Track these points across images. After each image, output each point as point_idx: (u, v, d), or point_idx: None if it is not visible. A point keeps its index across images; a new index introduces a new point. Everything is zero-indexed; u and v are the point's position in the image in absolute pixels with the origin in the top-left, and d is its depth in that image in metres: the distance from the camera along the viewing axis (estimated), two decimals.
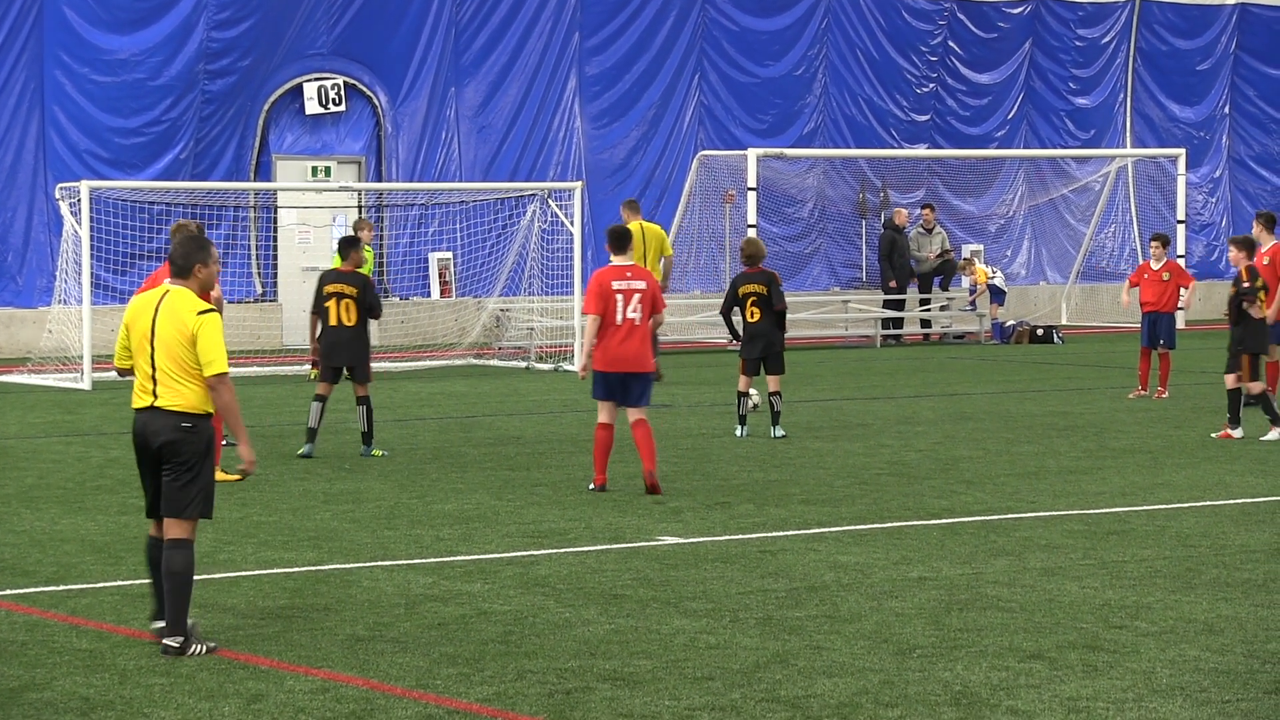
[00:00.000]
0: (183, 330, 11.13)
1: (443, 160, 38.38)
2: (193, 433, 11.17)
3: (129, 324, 11.37)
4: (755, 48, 41.43)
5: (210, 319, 11.17)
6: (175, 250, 11.37)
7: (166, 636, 11.04)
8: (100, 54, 34.87)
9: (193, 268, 11.31)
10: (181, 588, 11.05)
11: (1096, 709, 9.91)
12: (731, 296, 22.19)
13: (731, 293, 22.23)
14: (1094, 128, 45.83)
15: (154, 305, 11.26)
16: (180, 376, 11.16)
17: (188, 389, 11.17)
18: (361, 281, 20.59)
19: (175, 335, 11.14)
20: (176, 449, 11.16)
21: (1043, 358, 34.83)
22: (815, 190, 42.14)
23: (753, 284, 22.01)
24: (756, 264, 22.27)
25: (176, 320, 11.16)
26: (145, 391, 11.26)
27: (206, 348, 11.13)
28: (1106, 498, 17.43)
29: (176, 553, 11.11)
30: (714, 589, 13.11)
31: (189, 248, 11.36)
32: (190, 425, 11.17)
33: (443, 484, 18.36)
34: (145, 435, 11.23)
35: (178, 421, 11.15)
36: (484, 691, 10.28)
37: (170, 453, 11.17)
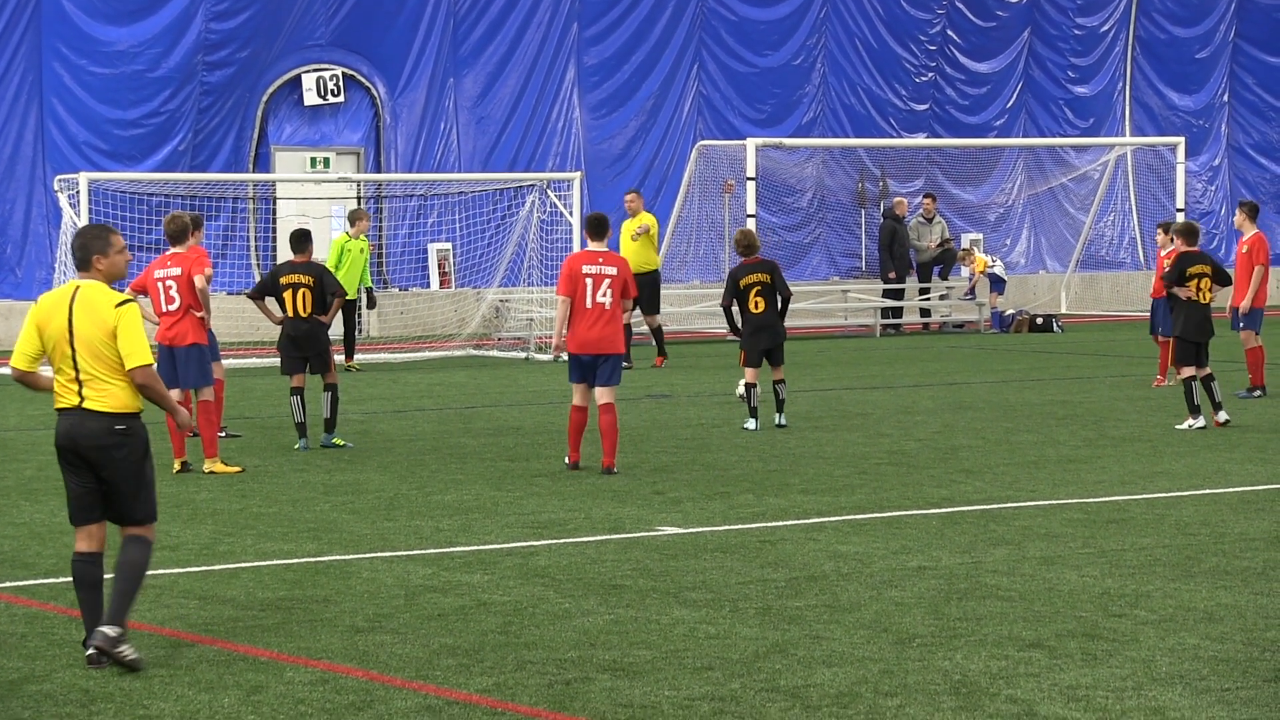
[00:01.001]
0: (103, 326, 10.61)
1: (441, 151, 38.38)
2: (128, 435, 10.65)
3: (40, 325, 10.76)
4: (754, 37, 41.42)
5: (128, 311, 10.65)
6: (74, 242, 10.88)
7: (105, 624, 10.53)
8: (99, 45, 34.86)
9: (91, 260, 10.78)
10: (136, 579, 10.68)
11: (1096, 697, 9.91)
12: (732, 288, 22.07)
13: (732, 284, 22.10)
14: (1093, 116, 45.83)
15: (67, 303, 10.69)
16: (107, 375, 10.64)
17: (115, 387, 10.65)
18: (317, 271, 20.47)
19: (95, 332, 10.61)
20: (112, 454, 10.63)
21: (1042, 347, 34.84)
22: (814, 180, 42.14)
23: (756, 274, 21.96)
24: (754, 254, 22.22)
25: (95, 316, 10.63)
26: (69, 393, 10.69)
27: (126, 339, 10.59)
28: (1106, 486, 17.43)
29: (137, 547, 10.74)
30: (713, 579, 13.11)
31: (87, 239, 10.85)
32: (124, 428, 10.65)
33: (442, 475, 18.36)
34: (74, 438, 10.66)
35: (110, 424, 10.62)
36: (483, 682, 10.29)
37: (106, 459, 10.64)
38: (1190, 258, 22.15)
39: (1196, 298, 21.97)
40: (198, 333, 18.73)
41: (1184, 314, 22.04)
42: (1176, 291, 22.09)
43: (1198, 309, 21.98)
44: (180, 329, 18.68)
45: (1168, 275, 22.40)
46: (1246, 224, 25.16)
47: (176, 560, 13.95)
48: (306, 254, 20.55)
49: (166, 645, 11.21)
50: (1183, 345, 22.02)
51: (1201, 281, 22.02)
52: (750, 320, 22.00)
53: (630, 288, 18.57)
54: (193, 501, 16.77)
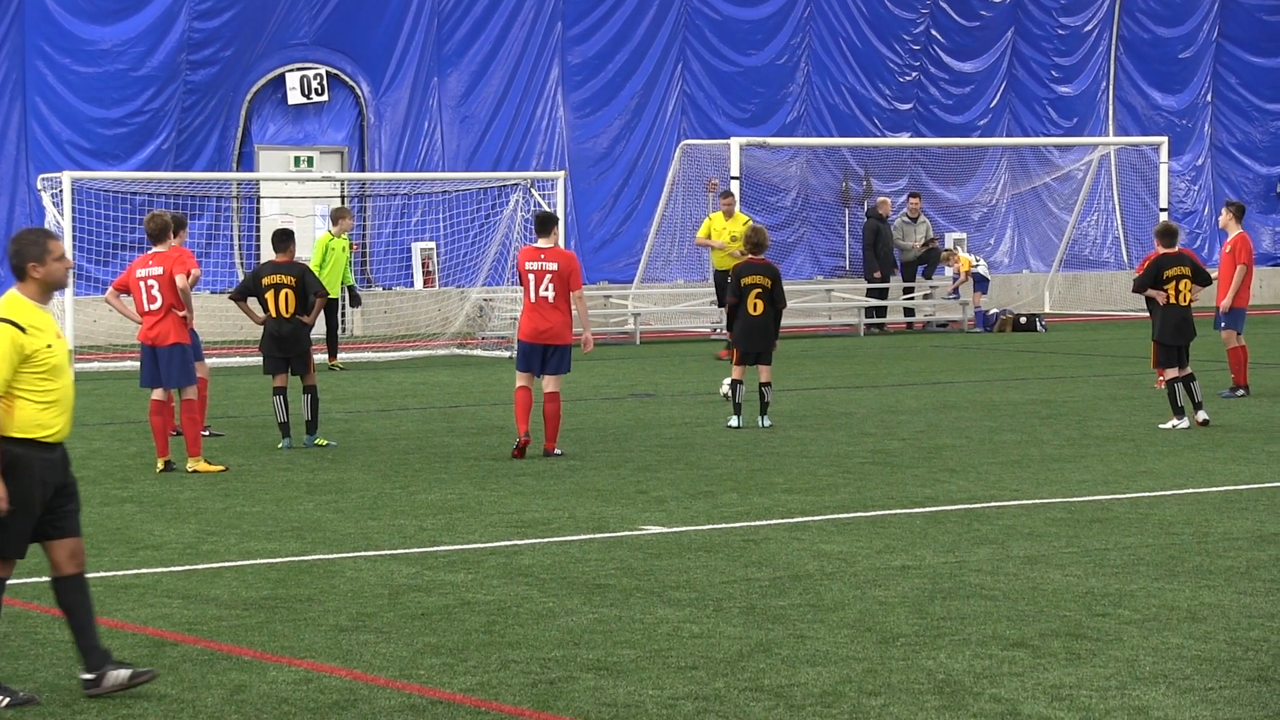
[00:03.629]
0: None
1: (425, 150, 38.35)
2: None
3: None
4: (738, 36, 41.42)
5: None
6: (9, 248, 10.16)
7: None
8: (82, 44, 34.81)
9: (26, 268, 10.09)
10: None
11: (1080, 697, 9.92)
12: (735, 285, 22.14)
13: (735, 281, 22.18)
14: (1076, 116, 45.87)
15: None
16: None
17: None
18: (299, 270, 20.46)
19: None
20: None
21: (1026, 346, 34.87)
22: (798, 179, 42.16)
23: (758, 275, 22.03)
24: (761, 253, 22.28)
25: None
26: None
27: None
28: (1089, 486, 17.45)
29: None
30: (697, 578, 13.11)
31: (22, 244, 10.12)
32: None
33: (426, 474, 18.35)
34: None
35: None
36: (467, 681, 10.28)
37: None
38: (1168, 259, 22.15)
39: (1175, 300, 21.99)
40: (180, 332, 18.69)
41: (1162, 316, 22.06)
42: (1153, 294, 22.08)
43: (1176, 310, 21.98)
44: (162, 328, 18.63)
45: (1142, 278, 22.34)
46: (1232, 224, 25.19)
47: (160, 559, 13.93)
48: (288, 254, 20.52)
49: (150, 644, 11.19)
50: (1163, 348, 22.04)
51: (1180, 283, 22.02)
52: (746, 320, 22.02)
53: (574, 280, 19.52)
54: (176, 500, 16.75)
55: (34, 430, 9.94)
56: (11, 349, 9.86)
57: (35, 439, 9.94)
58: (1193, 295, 22.07)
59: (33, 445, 9.93)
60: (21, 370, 9.88)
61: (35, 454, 9.94)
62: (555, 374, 19.47)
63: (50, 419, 10.00)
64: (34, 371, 9.92)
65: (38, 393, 9.94)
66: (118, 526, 15.39)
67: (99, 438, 21.27)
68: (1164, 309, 21.98)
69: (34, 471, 9.93)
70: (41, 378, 9.94)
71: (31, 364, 9.91)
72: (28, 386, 9.91)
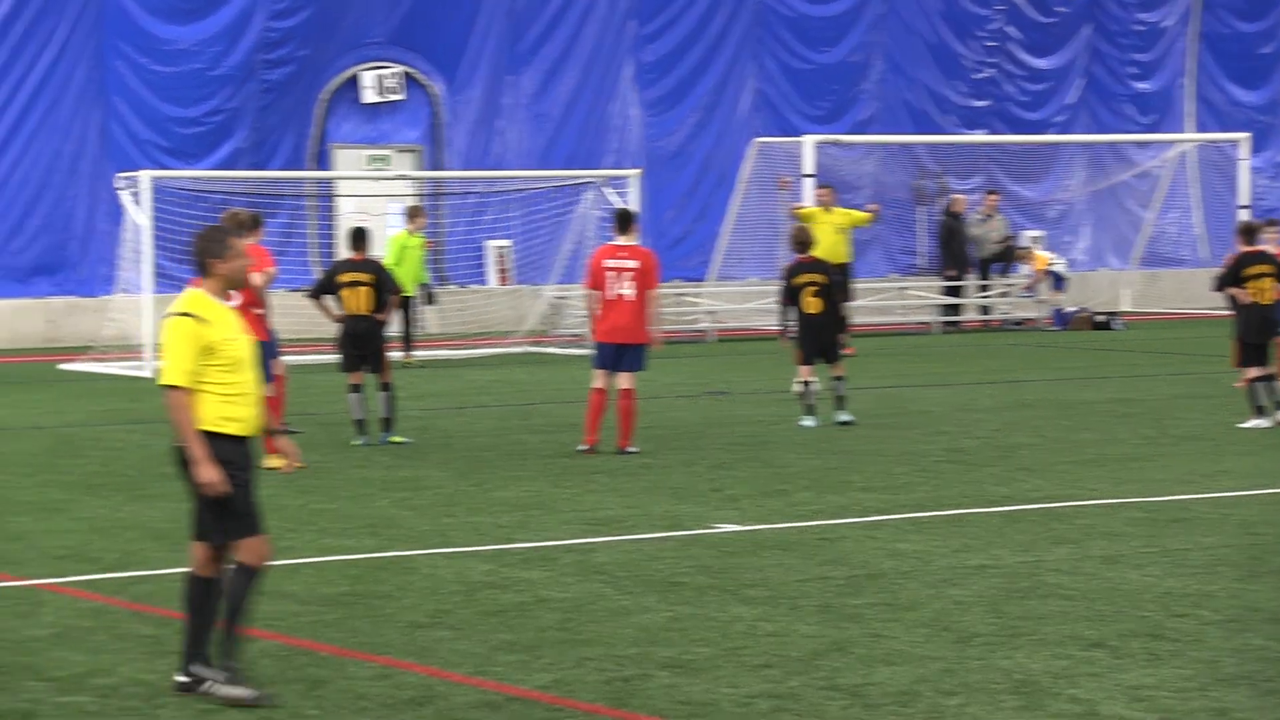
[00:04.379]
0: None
1: (499, 148, 38.44)
2: (181, 452, 10.06)
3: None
4: (812, 33, 41.33)
5: (169, 325, 10.00)
6: (193, 245, 10.24)
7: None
8: (160, 44, 35.04)
9: (209, 264, 10.13)
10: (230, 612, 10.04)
11: (1160, 698, 9.85)
12: (786, 287, 22.04)
13: (786, 283, 22.08)
14: (1155, 112, 45.57)
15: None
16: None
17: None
18: (375, 268, 20.55)
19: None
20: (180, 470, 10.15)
21: (1103, 344, 34.68)
22: (873, 177, 42.00)
23: (810, 273, 21.93)
24: (808, 251, 22.20)
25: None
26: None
27: (163, 354, 10.02)
28: (1168, 485, 17.33)
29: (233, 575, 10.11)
30: (772, 576, 13.09)
31: (205, 241, 10.19)
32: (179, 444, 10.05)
33: (501, 471, 18.38)
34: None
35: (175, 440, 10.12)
36: (542, 678, 10.29)
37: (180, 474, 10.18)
38: (1250, 257, 21.96)
39: (1256, 298, 21.81)
40: (257, 329, 18.76)
41: (1244, 315, 21.88)
42: (1234, 293, 21.91)
43: (1258, 309, 21.80)
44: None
45: (1223, 277, 22.18)
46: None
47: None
48: (364, 252, 20.61)
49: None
50: (1245, 347, 21.85)
51: (1262, 281, 21.84)
52: (804, 320, 21.95)
53: (652, 279, 19.55)
54: None
55: (221, 424, 10.01)
56: (190, 339, 9.96)
57: (223, 433, 10.01)
58: (1275, 294, 21.86)
59: (222, 439, 10.00)
60: (205, 364, 9.98)
61: (227, 446, 10.01)
62: (631, 371, 19.51)
63: (236, 412, 10.06)
64: (217, 365, 10.00)
65: (222, 385, 10.03)
66: None
67: None
68: (1245, 308, 21.81)
69: (233, 459, 10.01)
70: (224, 370, 10.02)
71: (214, 357, 9.99)
72: (211, 380, 9.99)
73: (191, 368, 9.95)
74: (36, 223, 34.65)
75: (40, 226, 34.68)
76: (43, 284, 34.82)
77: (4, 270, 34.41)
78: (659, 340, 20.15)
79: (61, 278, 34.95)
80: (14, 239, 34.50)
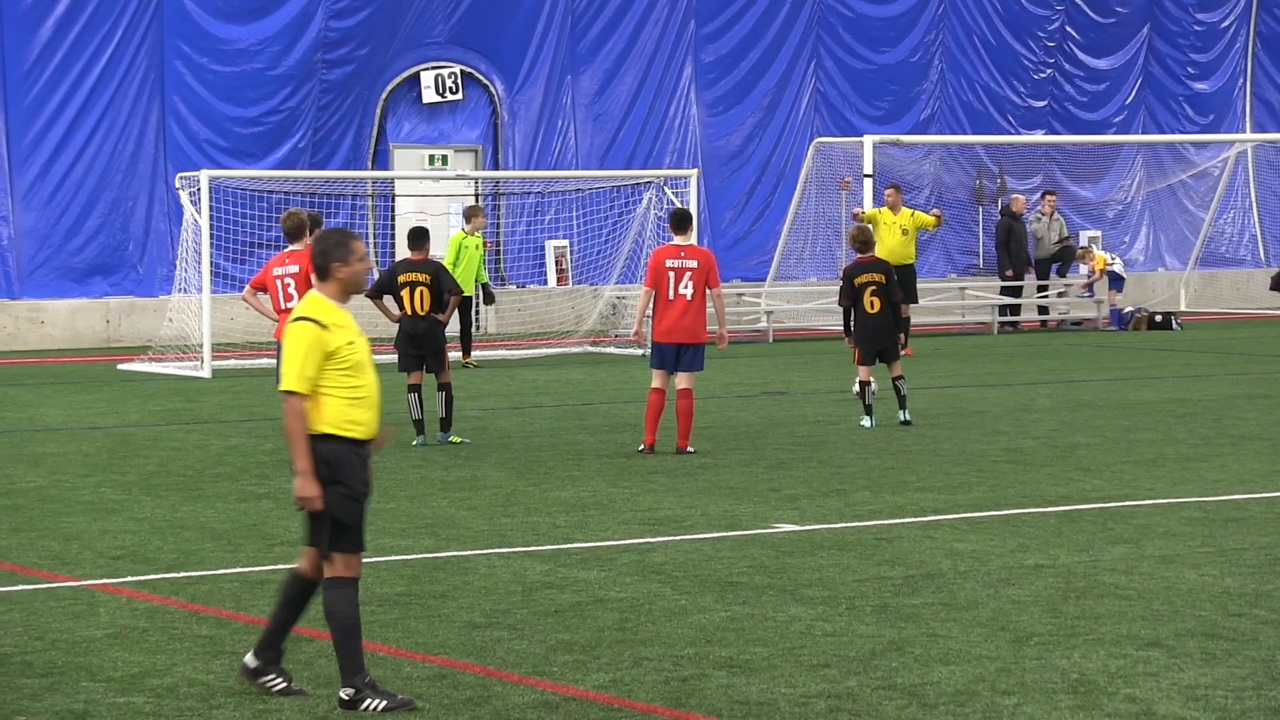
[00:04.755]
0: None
1: (559, 148, 38.49)
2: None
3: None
4: (871, 34, 41.29)
5: (292, 329, 9.97)
6: (313, 248, 10.18)
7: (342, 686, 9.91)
8: (219, 44, 35.20)
9: (330, 268, 10.06)
10: (334, 629, 9.89)
11: (1215, 697, 9.82)
12: (848, 287, 22.00)
13: (847, 283, 22.03)
14: (1213, 112, 45.38)
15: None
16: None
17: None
18: (434, 268, 20.62)
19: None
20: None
21: (1161, 344, 34.54)
22: (932, 177, 41.96)
23: (871, 273, 21.89)
24: (869, 251, 22.16)
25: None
26: None
27: (283, 359, 9.99)
28: (1225, 485, 17.27)
29: (326, 592, 9.97)
30: (830, 576, 13.09)
31: (327, 244, 10.12)
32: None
33: (559, 471, 18.42)
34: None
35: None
36: (600, 678, 10.31)
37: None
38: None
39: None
40: None
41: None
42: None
43: None
44: None
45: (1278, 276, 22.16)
46: None
47: (295, 556, 14.04)
48: (424, 251, 20.68)
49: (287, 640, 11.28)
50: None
51: None
52: (864, 320, 21.90)
53: (713, 279, 19.56)
54: None
55: (345, 427, 9.98)
56: (314, 345, 9.94)
57: (348, 436, 9.99)
58: None
59: (346, 442, 9.98)
60: (327, 368, 9.96)
61: (350, 449, 9.99)
62: (689, 371, 19.54)
63: (360, 415, 10.05)
64: (339, 368, 9.99)
65: (345, 389, 10.02)
66: (254, 523, 15.57)
67: (236, 434, 21.50)
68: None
69: (355, 465, 9.99)
70: (346, 374, 10.01)
71: (335, 360, 9.98)
72: (334, 383, 9.97)
73: (312, 374, 9.93)
74: (95, 223, 34.85)
75: (98, 226, 34.88)
76: (101, 284, 35.02)
77: (63, 270, 34.62)
78: (724, 339, 20.21)
79: (119, 278, 35.15)
80: (72, 239, 34.72)
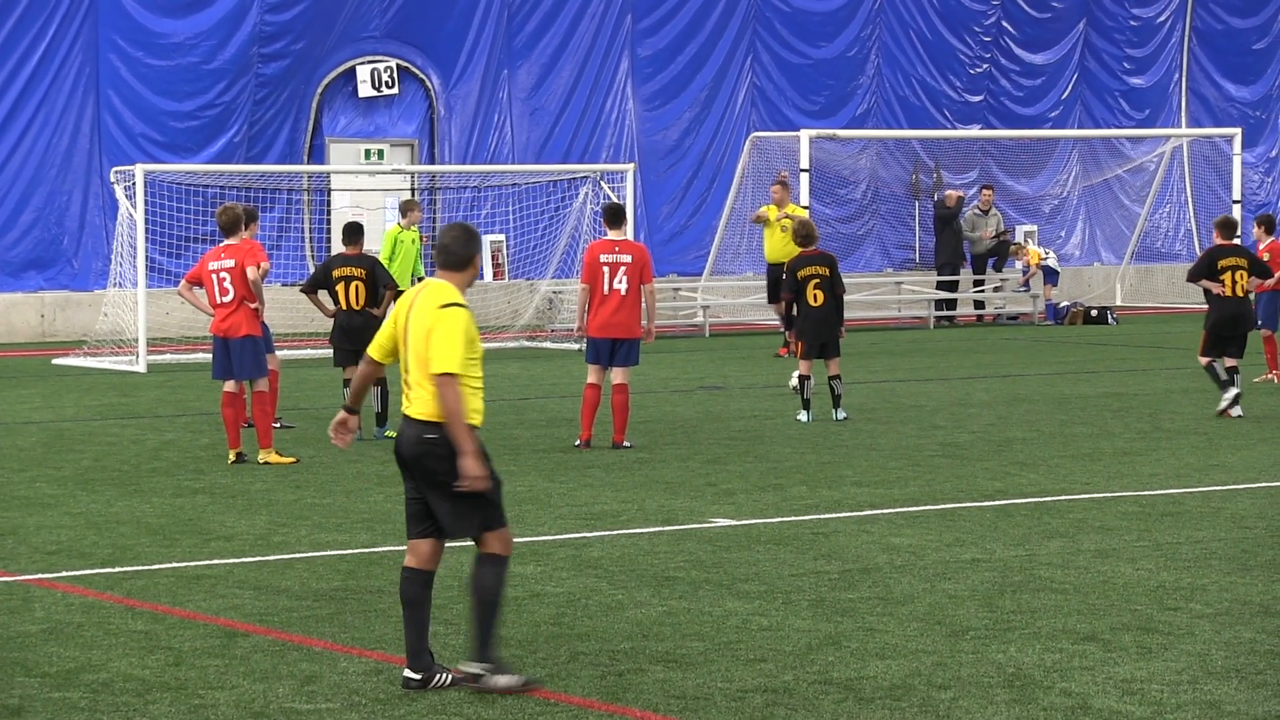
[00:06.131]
0: (424, 327, 9.96)
1: (495, 143, 38.43)
2: (436, 445, 9.95)
3: (395, 317, 10.26)
4: (808, 29, 41.35)
5: (450, 314, 9.93)
6: (446, 239, 10.15)
7: (471, 660, 10.04)
8: (154, 38, 35.03)
9: (471, 259, 10.16)
10: (485, 603, 10.03)
11: (1151, 691, 9.87)
12: (791, 280, 22.03)
13: (790, 276, 22.07)
14: (1149, 107, 45.61)
15: (410, 300, 10.16)
16: (423, 380, 9.99)
17: (428, 393, 9.97)
18: (369, 263, 20.60)
19: (419, 334, 9.99)
20: (422, 463, 10.00)
21: (1097, 339, 34.70)
22: (868, 171, 42.06)
23: (814, 266, 21.92)
24: (813, 245, 22.20)
25: (422, 318, 10.00)
26: (405, 397, 10.15)
27: (437, 342, 9.88)
28: (1161, 479, 17.36)
29: (481, 567, 10.14)
30: (766, 571, 13.10)
31: (470, 237, 10.19)
32: (433, 437, 9.95)
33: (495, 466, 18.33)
34: (398, 444, 10.13)
35: (420, 432, 9.98)
36: (536, 673, 10.29)
37: (419, 469, 10.03)
38: (1223, 250, 22.36)
39: (1231, 291, 21.99)
40: (251, 324, 18.79)
41: (1217, 307, 22.16)
42: (1207, 285, 22.13)
43: (1231, 302, 22.15)
44: (234, 320, 18.73)
45: (1195, 268, 22.52)
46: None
47: (232, 550, 14.01)
48: (358, 246, 20.63)
49: (221, 635, 11.26)
50: (1214, 338, 22.22)
51: (1236, 274, 22.16)
52: (807, 313, 21.92)
53: (647, 274, 19.59)
54: (248, 492, 16.84)
55: (474, 417, 10.07)
56: (466, 329, 10.03)
57: (472, 424, 10.03)
58: (1249, 286, 22.21)
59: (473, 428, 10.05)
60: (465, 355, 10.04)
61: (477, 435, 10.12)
62: (624, 366, 19.54)
63: (480, 404, 10.16)
64: (471, 357, 10.07)
65: (473, 378, 10.10)
66: (190, 518, 15.49)
67: (172, 429, 21.40)
68: (1219, 300, 22.03)
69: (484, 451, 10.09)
70: (474, 364, 10.10)
71: (471, 349, 10.06)
72: (466, 371, 10.03)
73: (465, 355, 9.99)
74: (30, 217, 34.65)
75: (33, 220, 34.68)
76: (35, 278, 34.82)
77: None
78: (651, 334, 20.09)
79: (54, 272, 34.96)
80: (7, 233, 34.51)
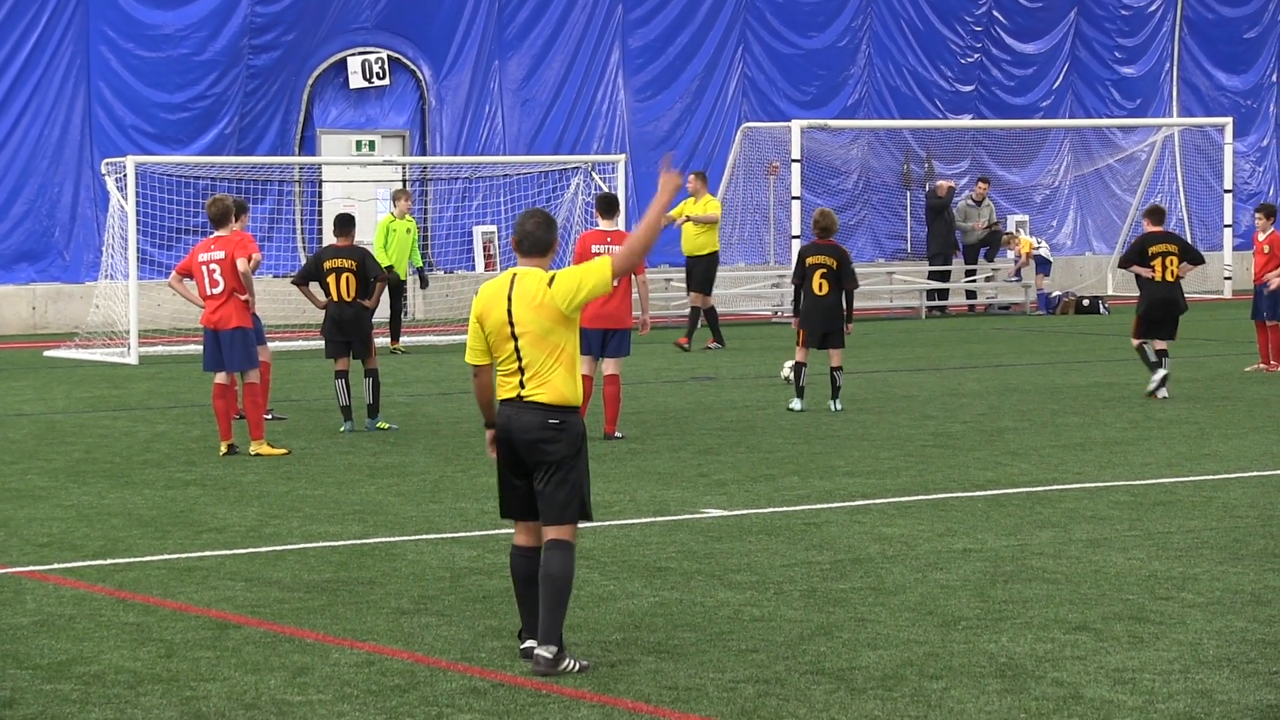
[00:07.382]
0: (538, 309, 10.15)
1: (486, 133, 38.39)
2: (560, 430, 10.18)
3: (480, 317, 10.33)
4: (799, 19, 41.32)
5: (560, 274, 10.22)
6: (529, 226, 10.35)
7: (540, 645, 10.15)
8: (145, 29, 34.97)
9: (554, 246, 10.40)
10: (559, 589, 10.12)
11: (1143, 680, 9.88)
12: (799, 266, 22.10)
13: (799, 262, 22.15)
14: (1140, 97, 45.60)
15: (505, 293, 10.24)
16: (546, 365, 10.19)
17: (554, 378, 10.19)
18: (360, 254, 20.59)
19: (532, 317, 10.16)
20: (542, 449, 10.20)
21: (1088, 328, 34.72)
22: (859, 161, 42.03)
23: (822, 255, 21.92)
24: (829, 236, 22.20)
25: (530, 302, 10.15)
26: (511, 384, 10.29)
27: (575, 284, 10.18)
28: (1153, 469, 17.37)
29: (555, 554, 10.19)
30: (758, 561, 13.10)
31: (552, 226, 10.42)
32: (558, 422, 10.17)
33: (487, 457, 18.33)
34: (510, 430, 10.27)
35: (545, 417, 10.18)
36: (528, 665, 10.29)
37: (536, 454, 10.22)
38: (1154, 236, 23.18)
39: (1161, 276, 22.86)
40: (242, 316, 18.77)
41: (1149, 291, 23.01)
42: (1138, 270, 23.00)
43: (1163, 287, 22.91)
44: (224, 312, 18.71)
45: (1126, 255, 23.53)
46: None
47: (223, 542, 14.01)
48: (349, 238, 20.62)
49: (213, 627, 11.25)
50: (1146, 322, 22.97)
51: (1167, 260, 22.94)
52: (811, 300, 21.92)
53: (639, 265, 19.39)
54: (239, 484, 16.83)
55: (576, 399, 10.31)
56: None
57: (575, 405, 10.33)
58: (1180, 272, 23.03)
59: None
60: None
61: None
62: (616, 357, 19.52)
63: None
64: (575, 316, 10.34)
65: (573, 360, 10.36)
66: (181, 509, 15.48)
67: (164, 421, 21.38)
68: (1151, 284, 22.98)
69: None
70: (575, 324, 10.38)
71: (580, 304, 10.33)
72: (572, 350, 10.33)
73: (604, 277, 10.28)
74: (21, 209, 34.59)
75: (24, 212, 34.62)
76: (27, 270, 34.76)
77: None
78: (647, 325, 20.12)
79: (46, 264, 34.90)
80: None
